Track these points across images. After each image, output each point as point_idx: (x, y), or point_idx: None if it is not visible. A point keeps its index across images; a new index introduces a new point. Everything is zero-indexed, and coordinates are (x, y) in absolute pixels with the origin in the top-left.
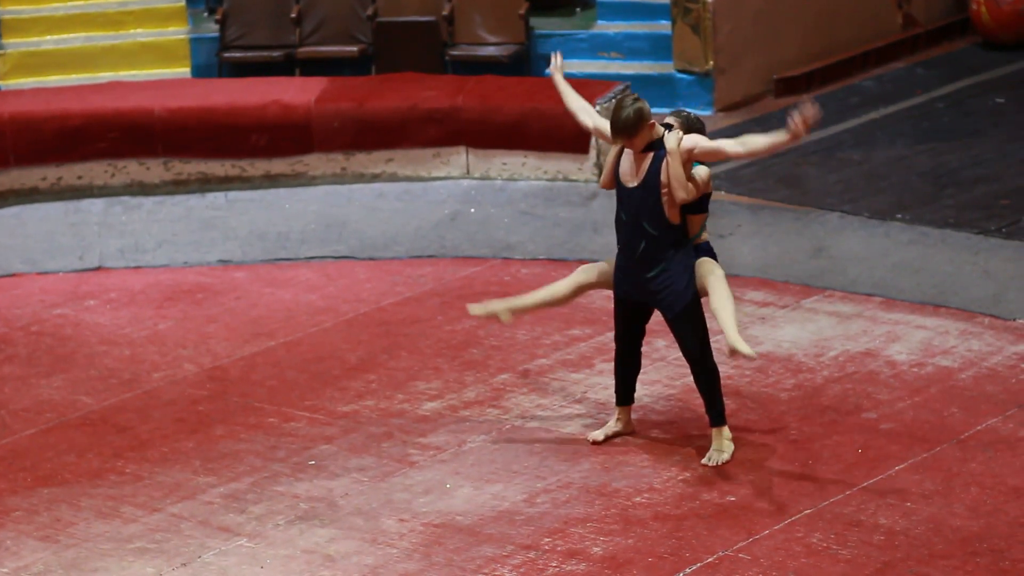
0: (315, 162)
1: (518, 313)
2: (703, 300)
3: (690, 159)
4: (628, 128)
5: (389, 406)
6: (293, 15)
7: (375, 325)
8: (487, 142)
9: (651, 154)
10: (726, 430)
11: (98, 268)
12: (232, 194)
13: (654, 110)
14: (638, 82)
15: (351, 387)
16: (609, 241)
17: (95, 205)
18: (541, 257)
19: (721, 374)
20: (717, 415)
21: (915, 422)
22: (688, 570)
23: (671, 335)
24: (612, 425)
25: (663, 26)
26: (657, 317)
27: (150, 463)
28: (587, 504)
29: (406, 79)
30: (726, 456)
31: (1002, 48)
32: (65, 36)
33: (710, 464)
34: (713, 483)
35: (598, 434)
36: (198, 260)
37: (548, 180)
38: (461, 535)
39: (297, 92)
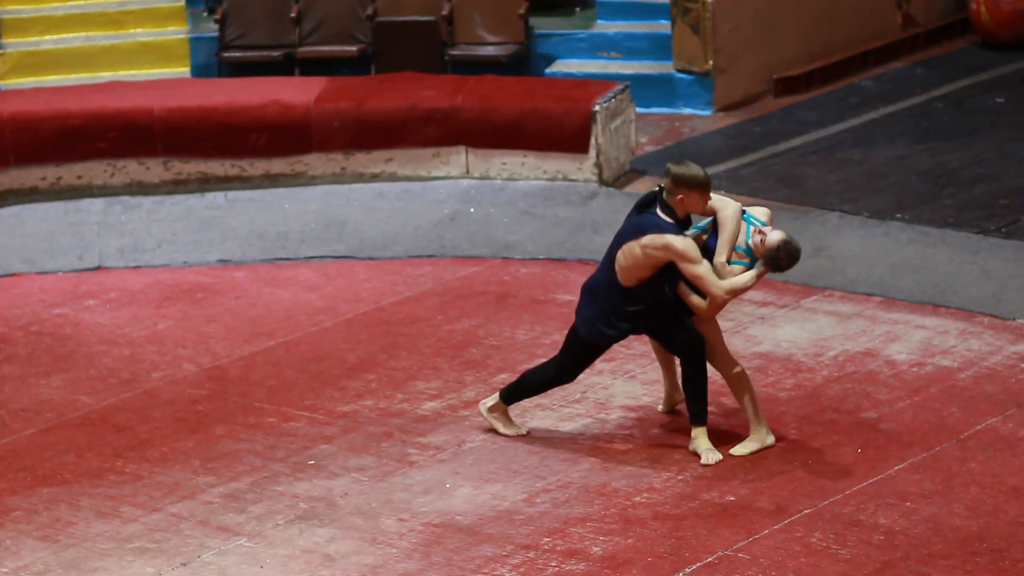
0: (315, 162)
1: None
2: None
3: None
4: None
5: (389, 406)
6: (293, 15)
7: (375, 325)
8: (486, 142)
9: None
10: (702, 430)
11: (98, 268)
12: (232, 194)
13: (654, 109)
14: (638, 82)
15: (351, 387)
16: (607, 240)
17: (95, 205)
18: (540, 257)
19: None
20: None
21: (915, 422)
22: (688, 570)
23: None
24: (515, 427)
25: (663, 26)
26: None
27: (150, 463)
28: (587, 504)
29: (406, 79)
30: (714, 455)
31: (1002, 48)
32: (65, 36)
33: (710, 464)
34: (713, 483)
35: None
36: (198, 260)
37: (547, 180)
38: (461, 535)
39: (297, 92)
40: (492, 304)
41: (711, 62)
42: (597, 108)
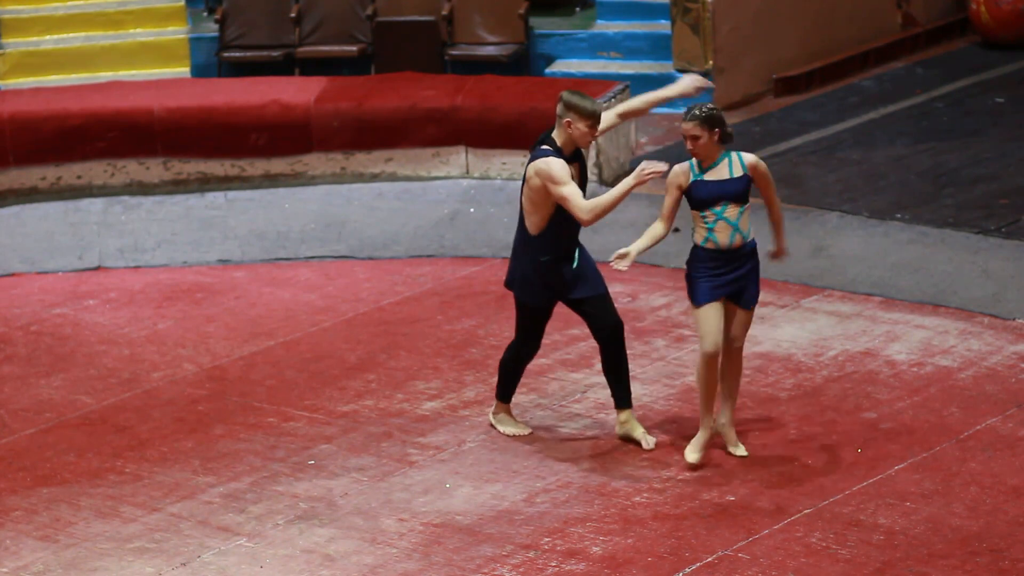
0: (314, 162)
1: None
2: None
3: None
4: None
5: (388, 406)
6: (292, 15)
7: (374, 325)
8: (486, 141)
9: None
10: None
11: (97, 268)
12: (231, 194)
13: (658, 110)
14: (638, 82)
15: (350, 387)
16: (609, 240)
17: (95, 205)
18: None
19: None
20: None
21: (915, 422)
22: (687, 570)
23: (668, 335)
24: (520, 426)
25: (662, 26)
26: (660, 317)
27: (149, 463)
28: (586, 504)
29: (405, 79)
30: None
31: (1002, 48)
32: (65, 36)
33: (652, 448)
34: (713, 483)
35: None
36: (197, 260)
37: None
38: (461, 535)
39: (296, 92)
40: (492, 304)
41: (711, 62)
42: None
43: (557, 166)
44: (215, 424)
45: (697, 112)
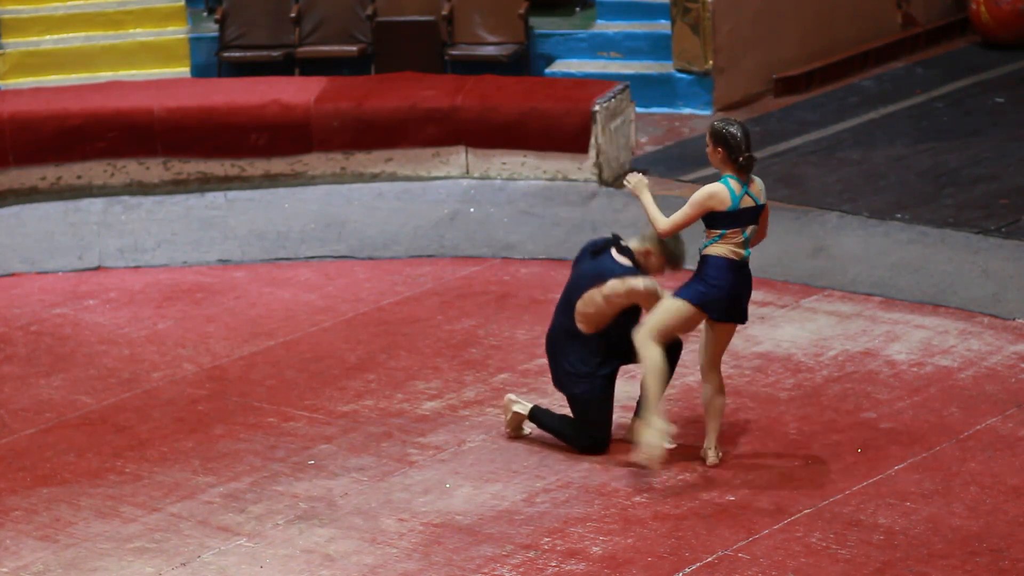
0: (314, 162)
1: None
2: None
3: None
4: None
5: (388, 406)
6: (292, 15)
7: (374, 325)
8: (486, 142)
9: None
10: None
11: (97, 268)
12: (231, 194)
13: (653, 109)
14: (638, 82)
15: (350, 387)
16: None
17: (94, 205)
18: (540, 257)
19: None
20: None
21: (914, 422)
22: (687, 570)
23: None
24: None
25: (662, 26)
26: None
27: (149, 463)
28: (586, 504)
29: (405, 79)
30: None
31: (1002, 48)
32: (64, 36)
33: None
34: (713, 483)
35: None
36: (197, 260)
37: (547, 179)
38: (461, 535)
39: (296, 92)
40: (492, 304)
41: (711, 62)
42: (597, 108)
43: (654, 288)
44: (215, 424)
45: (714, 122)
